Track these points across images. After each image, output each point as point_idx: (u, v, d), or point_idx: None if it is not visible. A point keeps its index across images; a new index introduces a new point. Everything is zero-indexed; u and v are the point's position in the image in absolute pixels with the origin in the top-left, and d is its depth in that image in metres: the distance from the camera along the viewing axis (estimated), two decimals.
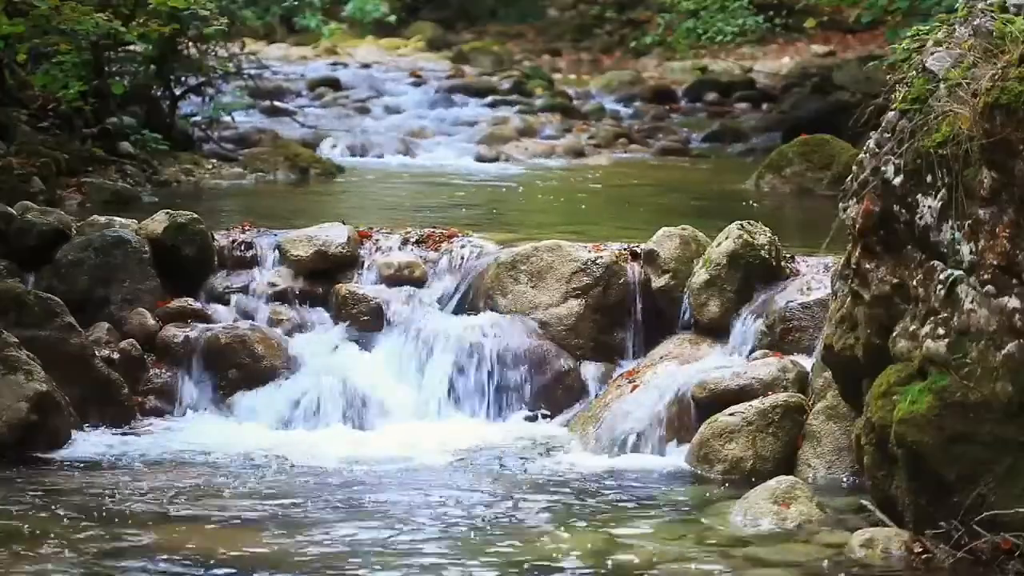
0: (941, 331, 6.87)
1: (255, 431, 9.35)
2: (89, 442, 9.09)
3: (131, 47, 15.17)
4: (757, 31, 20.85)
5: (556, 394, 9.71)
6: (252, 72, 18.38)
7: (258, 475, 8.45)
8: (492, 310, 9.96)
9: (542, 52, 29.53)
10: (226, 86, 17.85)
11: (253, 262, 10.50)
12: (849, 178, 7.51)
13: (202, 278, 10.36)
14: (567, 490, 8.19)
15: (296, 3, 22.97)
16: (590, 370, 9.81)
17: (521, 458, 8.88)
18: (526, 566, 6.89)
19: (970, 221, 6.79)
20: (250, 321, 10.05)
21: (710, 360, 9.33)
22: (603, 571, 6.86)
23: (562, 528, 7.48)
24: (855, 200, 7.38)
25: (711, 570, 6.88)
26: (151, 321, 9.96)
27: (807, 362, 8.90)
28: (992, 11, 6.98)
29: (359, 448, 9.01)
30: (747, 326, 9.44)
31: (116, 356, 9.70)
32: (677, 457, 8.76)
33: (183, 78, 16.44)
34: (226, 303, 10.25)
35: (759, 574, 6.85)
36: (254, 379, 9.74)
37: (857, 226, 7.33)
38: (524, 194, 14.92)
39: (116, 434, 9.29)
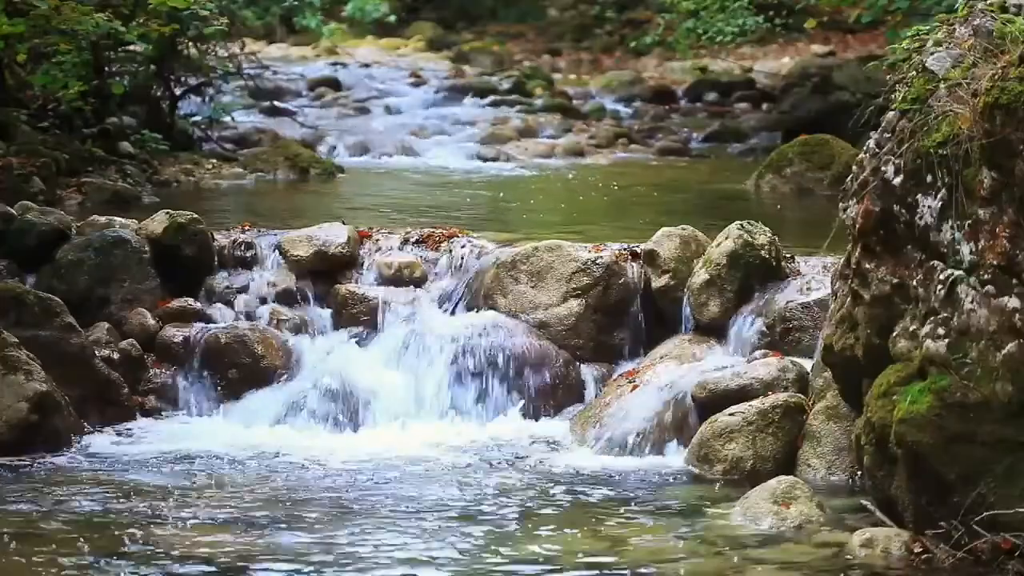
0: (941, 331, 6.87)
1: (255, 431, 9.34)
2: (89, 442, 9.09)
3: (131, 47, 15.17)
4: (757, 31, 20.84)
5: (556, 394, 9.70)
6: (252, 72, 18.37)
7: (258, 475, 8.45)
8: (492, 310, 9.96)
9: (542, 52, 29.53)
10: (226, 86, 17.84)
11: (253, 262, 10.50)
12: (849, 178, 7.52)
13: (202, 278, 10.36)
14: (566, 490, 8.19)
15: (296, 3, 22.97)
16: (590, 370, 9.81)
17: (520, 458, 8.87)
18: (525, 566, 6.88)
19: (970, 221, 6.79)
20: (250, 321, 10.06)
21: (710, 360, 9.32)
22: (603, 571, 6.85)
23: (561, 528, 7.47)
24: (855, 200, 7.38)
25: (711, 570, 6.87)
26: (151, 321, 9.96)
27: (807, 362, 8.89)
28: (992, 11, 6.98)
29: (358, 448, 9.02)
30: (747, 326, 9.43)
31: (116, 356, 9.70)
32: (677, 457, 8.75)
33: (183, 78, 16.44)
34: (226, 303, 10.25)
35: (759, 574, 6.85)
36: (254, 379, 9.74)
37: (857, 226, 7.34)
38: (524, 194, 14.92)
39: (116, 434, 9.30)
